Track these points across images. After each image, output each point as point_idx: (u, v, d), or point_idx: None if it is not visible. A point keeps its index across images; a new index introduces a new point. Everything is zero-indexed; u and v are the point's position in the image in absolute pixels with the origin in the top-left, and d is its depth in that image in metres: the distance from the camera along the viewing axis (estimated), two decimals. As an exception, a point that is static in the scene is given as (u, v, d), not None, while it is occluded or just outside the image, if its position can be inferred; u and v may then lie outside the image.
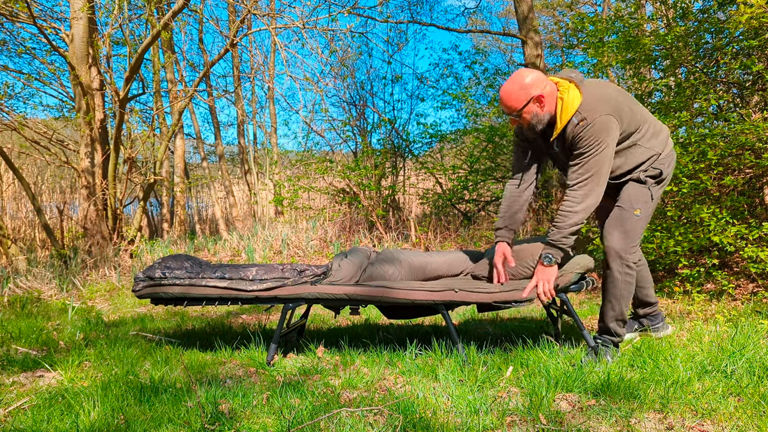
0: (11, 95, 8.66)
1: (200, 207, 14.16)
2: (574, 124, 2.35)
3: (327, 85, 7.64)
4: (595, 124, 2.30)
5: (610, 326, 2.53)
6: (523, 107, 2.38)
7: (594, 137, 2.30)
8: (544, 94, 2.37)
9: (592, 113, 2.31)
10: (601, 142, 2.30)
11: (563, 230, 2.37)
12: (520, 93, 2.37)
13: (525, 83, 2.37)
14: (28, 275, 5.51)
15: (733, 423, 1.78)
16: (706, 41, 4.89)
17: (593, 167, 2.32)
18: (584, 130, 2.31)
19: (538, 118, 2.40)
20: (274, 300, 2.70)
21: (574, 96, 2.36)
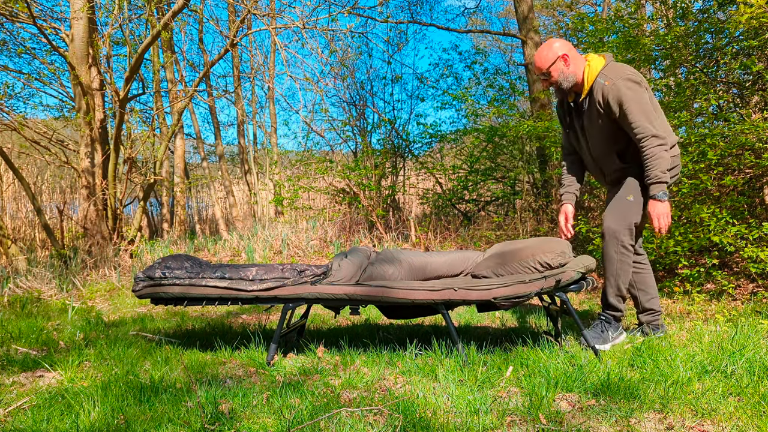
0: (11, 95, 8.65)
1: (200, 207, 14.16)
2: (600, 85, 2.61)
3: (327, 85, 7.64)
4: (618, 84, 2.56)
5: (610, 301, 2.78)
6: (551, 65, 2.68)
7: (625, 91, 2.54)
8: (569, 55, 2.67)
9: (614, 75, 2.59)
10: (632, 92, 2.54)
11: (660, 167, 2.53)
12: (548, 54, 2.69)
13: (553, 47, 2.70)
14: (28, 275, 5.51)
15: (733, 423, 1.78)
16: (706, 41, 4.89)
17: (644, 114, 2.53)
18: (612, 87, 2.57)
19: (564, 75, 2.68)
20: (274, 300, 2.70)
21: (598, 61, 2.67)
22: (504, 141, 7.77)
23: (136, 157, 8.15)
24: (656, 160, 2.52)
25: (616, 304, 2.78)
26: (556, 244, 2.63)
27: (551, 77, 2.72)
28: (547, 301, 3.06)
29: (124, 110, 6.82)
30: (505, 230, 6.89)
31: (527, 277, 2.56)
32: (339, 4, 7.30)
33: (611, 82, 2.58)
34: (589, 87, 2.67)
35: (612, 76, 2.60)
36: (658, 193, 2.54)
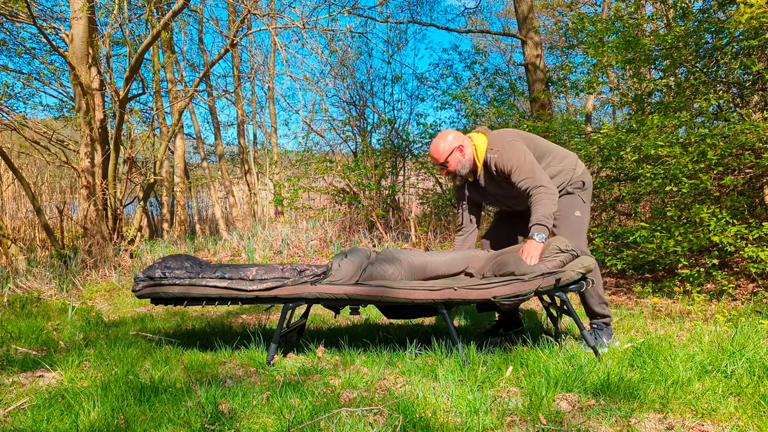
0: (11, 95, 8.65)
1: (200, 207, 14.15)
2: (490, 159, 2.88)
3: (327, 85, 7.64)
4: (505, 149, 2.83)
5: (596, 311, 2.91)
6: (449, 156, 2.92)
7: (510, 156, 2.81)
8: (464, 145, 2.93)
9: (498, 144, 2.87)
10: (518, 155, 2.80)
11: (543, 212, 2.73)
12: (444, 146, 2.93)
13: (448, 138, 2.94)
14: (28, 275, 5.51)
15: (733, 423, 1.78)
16: (706, 41, 4.89)
17: (527, 171, 2.78)
18: (500, 158, 2.83)
19: (462, 164, 2.94)
20: (274, 300, 2.70)
21: (481, 139, 2.95)
22: (504, 141, 7.75)
23: (136, 157, 8.16)
24: (541, 206, 2.73)
25: (602, 312, 2.90)
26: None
27: (449, 167, 2.95)
28: (547, 301, 3.06)
29: (124, 110, 6.82)
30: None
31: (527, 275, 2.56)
32: (339, 4, 7.30)
33: (498, 152, 2.85)
34: (482, 164, 2.94)
35: (497, 146, 2.87)
36: (536, 234, 2.71)
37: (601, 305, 2.90)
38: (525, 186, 2.79)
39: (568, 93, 12.02)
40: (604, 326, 2.90)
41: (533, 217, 2.75)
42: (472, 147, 2.97)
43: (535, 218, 2.74)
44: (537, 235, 2.70)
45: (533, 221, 2.75)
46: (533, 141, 2.97)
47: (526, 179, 2.78)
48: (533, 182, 2.77)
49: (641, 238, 4.33)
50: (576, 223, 2.92)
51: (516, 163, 2.80)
